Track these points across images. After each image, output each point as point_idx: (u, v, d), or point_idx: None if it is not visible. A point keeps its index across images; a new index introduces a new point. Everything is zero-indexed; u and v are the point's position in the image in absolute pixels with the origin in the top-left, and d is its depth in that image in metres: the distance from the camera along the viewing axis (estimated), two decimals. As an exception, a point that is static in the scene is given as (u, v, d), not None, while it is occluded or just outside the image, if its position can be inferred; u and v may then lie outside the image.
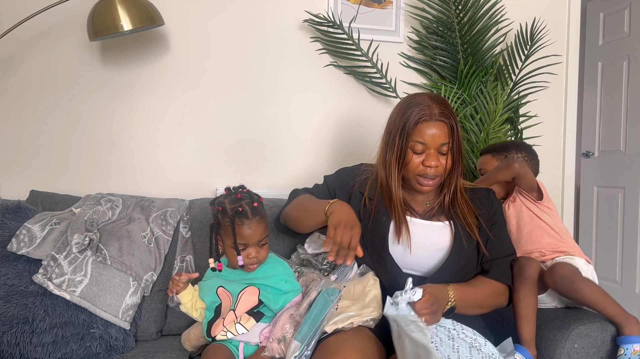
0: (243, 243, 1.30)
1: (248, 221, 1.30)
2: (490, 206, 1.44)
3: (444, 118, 1.30)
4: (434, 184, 1.35)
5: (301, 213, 1.43)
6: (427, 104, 1.31)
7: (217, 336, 1.34)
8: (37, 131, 1.95)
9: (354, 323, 1.25)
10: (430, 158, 1.31)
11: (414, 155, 1.32)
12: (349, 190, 1.46)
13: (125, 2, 1.67)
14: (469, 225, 1.37)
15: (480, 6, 2.12)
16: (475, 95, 2.15)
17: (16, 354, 1.39)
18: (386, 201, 1.39)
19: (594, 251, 3.36)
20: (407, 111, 1.32)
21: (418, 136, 1.30)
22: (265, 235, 1.33)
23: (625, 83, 3.15)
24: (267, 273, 1.37)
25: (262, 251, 1.33)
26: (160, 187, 2.04)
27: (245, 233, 1.29)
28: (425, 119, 1.29)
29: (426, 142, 1.30)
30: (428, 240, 1.37)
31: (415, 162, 1.32)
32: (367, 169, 1.48)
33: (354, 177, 1.47)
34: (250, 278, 1.36)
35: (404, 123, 1.31)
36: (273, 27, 2.13)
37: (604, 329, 1.36)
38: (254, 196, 1.38)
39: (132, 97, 2.02)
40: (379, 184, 1.41)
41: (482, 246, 1.38)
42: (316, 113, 2.19)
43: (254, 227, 1.30)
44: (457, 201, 1.40)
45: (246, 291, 1.34)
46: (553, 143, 2.44)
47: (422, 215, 1.40)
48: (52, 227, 1.58)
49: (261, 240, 1.32)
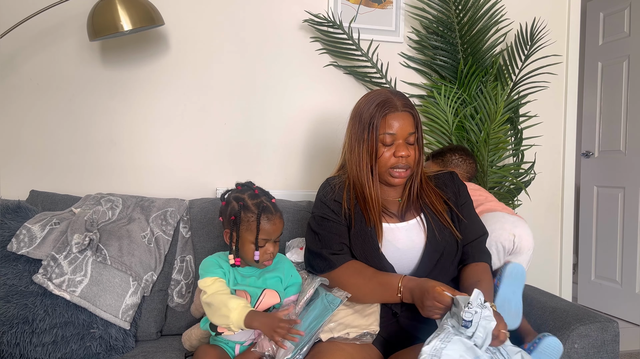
0: (265, 239, 1.32)
1: (273, 216, 1.33)
2: (456, 187, 1.46)
3: (408, 108, 1.35)
4: (406, 175, 1.37)
5: (364, 299, 1.33)
6: (389, 97, 1.35)
7: (225, 332, 1.33)
8: (37, 131, 1.95)
9: (350, 334, 1.24)
10: (401, 148, 1.33)
11: (384, 147, 1.34)
12: (334, 206, 1.40)
13: (125, 2, 1.67)
14: (439, 212, 1.38)
15: (480, 6, 2.12)
16: (475, 95, 2.15)
17: (16, 354, 1.39)
18: (361, 204, 1.37)
19: (594, 251, 3.36)
20: (370, 107, 1.34)
21: (387, 127, 1.33)
22: (282, 230, 1.36)
23: (625, 83, 3.15)
24: (276, 266, 1.39)
25: (277, 247, 1.36)
26: (160, 187, 2.04)
27: (269, 228, 1.32)
28: (392, 111, 1.33)
29: (395, 132, 1.33)
30: (410, 242, 1.36)
31: (386, 155, 1.34)
32: (338, 180, 1.44)
33: (330, 193, 1.43)
34: (261, 271, 1.37)
35: (370, 117, 1.33)
36: (273, 27, 2.13)
37: (604, 330, 1.36)
38: (267, 192, 1.41)
39: (132, 97, 2.02)
40: (352, 190, 1.39)
41: (455, 230, 1.38)
42: (316, 113, 2.19)
43: (278, 223, 1.34)
44: (424, 191, 1.42)
45: (266, 294, 1.35)
46: (553, 143, 2.44)
47: (397, 216, 1.39)
48: (52, 227, 1.58)
49: (279, 236, 1.36)
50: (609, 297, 3.23)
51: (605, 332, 1.36)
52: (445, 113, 2.13)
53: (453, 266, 1.38)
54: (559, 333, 1.36)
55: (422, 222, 1.38)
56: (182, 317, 1.65)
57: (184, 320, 1.65)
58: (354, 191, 1.39)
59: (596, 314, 1.41)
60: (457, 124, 2.15)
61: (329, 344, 1.23)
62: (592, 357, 1.35)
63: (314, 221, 1.41)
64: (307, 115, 2.18)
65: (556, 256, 2.46)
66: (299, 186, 2.17)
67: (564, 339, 1.34)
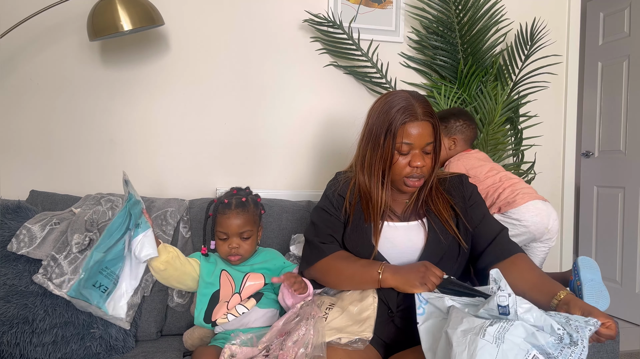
0: (224, 232, 1.40)
1: (229, 211, 1.40)
2: (464, 190, 1.42)
3: (428, 117, 1.29)
4: (420, 184, 1.34)
5: (344, 282, 1.34)
6: (411, 103, 1.29)
7: (218, 320, 1.36)
8: (37, 131, 1.95)
9: (342, 340, 1.22)
10: (416, 158, 1.29)
11: (400, 156, 1.30)
12: (336, 200, 1.41)
13: (125, 2, 1.67)
14: (443, 218, 1.35)
15: (480, 6, 2.12)
16: (475, 95, 2.15)
17: (16, 354, 1.39)
18: (363, 203, 1.36)
19: (594, 251, 3.36)
20: (390, 111, 1.29)
21: (405, 137, 1.28)
22: (246, 228, 1.41)
23: (625, 83, 3.15)
24: (265, 257, 1.48)
25: (245, 244, 1.42)
26: (160, 187, 2.04)
27: (223, 222, 1.40)
28: (411, 119, 1.27)
29: (412, 142, 1.28)
30: (408, 241, 1.35)
31: (402, 163, 1.30)
32: (345, 175, 1.45)
33: (336, 187, 1.44)
34: (250, 264, 1.44)
35: (388, 124, 1.28)
36: (273, 27, 2.13)
37: (604, 329, 1.36)
38: (249, 194, 1.48)
39: (132, 97, 2.02)
40: (357, 188, 1.38)
41: (459, 236, 1.35)
42: (316, 113, 2.19)
43: (232, 217, 1.40)
44: (432, 197, 1.39)
45: (249, 276, 1.41)
46: (553, 143, 2.44)
47: (400, 217, 1.38)
48: (52, 227, 1.58)
49: (242, 233, 1.40)
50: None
51: (606, 332, 1.36)
52: (445, 113, 2.13)
53: (454, 268, 1.37)
54: (559, 333, 1.36)
55: (424, 224, 1.37)
56: (182, 317, 1.65)
57: (184, 320, 1.65)
58: (358, 188, 1.38)
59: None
60: (457, 124, 2.15)
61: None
62: (592, 357, 1.35)
63: (315, 212, 1.43)
64: (307, 114, 2.18)
65: (556, 256, 2.46)
66: (299, 186, 2.17)
67: (564, 339, 1.34)
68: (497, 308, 0.99)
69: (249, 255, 1.45)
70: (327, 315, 1.28)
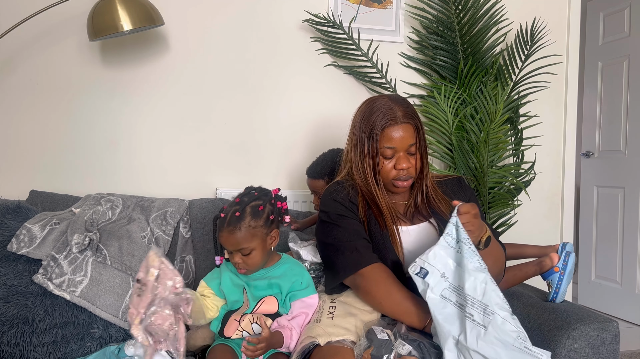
0: (224, 247, 1.33)
1: (222, 229, 1.30)
2: (464, 193, 1.45)
3: (408, 119, 1.31)
4: (408, 184, 1.36)
5: (395, 309, 1.29)
6: (390, 107, 1.31)
7: (233, 336, 1.33)
8: (37, 131, 1.95)
9: (347, 339, 1.22)
10: (401, 160, 1.31)
11: (385, 160, 1.32)
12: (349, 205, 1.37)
13: (125, 2, 1.67)
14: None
15: (480, 6, 2.12)
16: (475, 95, 2.15)
17: (16, 354, 1.39)
18: (374, 210, 1.36)
19: (594, 251, 3.36)
20: (370, 117, 1.32)
21: (386, 141, 1.30)
22: (242, 246, 1.28)
23: (625, 83, 3.15)
24: (284, 272, 1.37)
25: (248, 259, 1.30)
26: (160, 187, 2.04)
27: (221, 239, 1.32)
28: (390, 124, 1.29)
29: (395, 146, 1.31)
30: (419, 243, 1.35)
31: (388, 167, 1.33)
32: (349, 183, 1.41)
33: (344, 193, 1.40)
34: (269, 276, 1.36)
35: (369, 131, 1.31)
36: (273, 26, 2.13)
37: (604, 329, 1.36)
38: (251, 201, 1.33)
39: (132, 97, 2.02)
40: (361, 195, 1.38)
41: None
42: (316, 113, 2.19)
43: (225, 236, 1.30)
44: (433, 198, 1.39)
45: (265, 301, 1.35)
46: (553, 143, 2.44)
47: (406, 219, 1.39)
48: (52, 227, 1.58)
49: (240, 250, 1.29)
50: (609, 297, 3.23)
51: (606, 332, 1.36)
52: (445, 113, 2.13)
53: None
54: (559, 333, 1.36)
55: (433, 225, 1.37)
56: (182, 317, 1.65)
57: (184, 320, 1.65)
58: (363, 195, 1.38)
59: (596, 314, 1.41)
60: (457, 124, 2.15)
61: (328, 348, 1.20)
62: (592, 357, 1.35)
63: (329, 218, 1.35)
64: (307, 114, 2.18)
65: (556, 256, 2.46)
66: (299, 186, 2.17)
67: (564, 339, 1.34)
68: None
69: (256, 267, 1.34)
70: (332, 315, 1.29)
